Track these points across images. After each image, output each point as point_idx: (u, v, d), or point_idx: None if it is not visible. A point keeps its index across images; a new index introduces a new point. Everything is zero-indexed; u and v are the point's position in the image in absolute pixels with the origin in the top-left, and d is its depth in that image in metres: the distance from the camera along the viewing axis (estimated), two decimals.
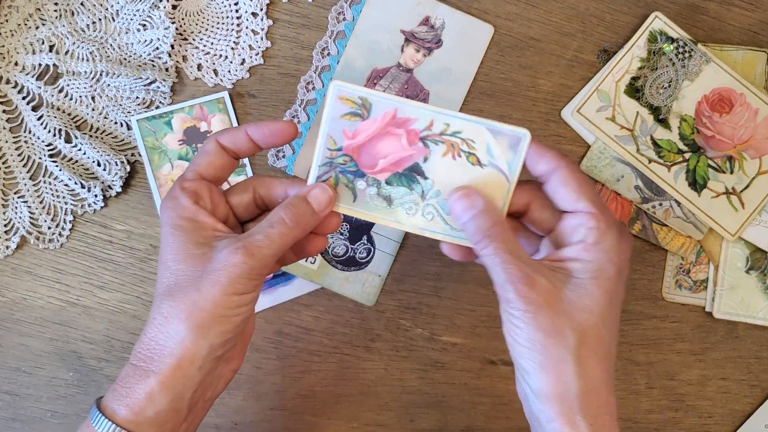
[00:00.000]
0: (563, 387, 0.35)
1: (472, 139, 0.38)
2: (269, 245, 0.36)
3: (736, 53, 0.56)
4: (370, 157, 0.39)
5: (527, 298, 0.35)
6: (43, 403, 0.54)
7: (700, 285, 0.57)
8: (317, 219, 0.38)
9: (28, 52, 0.54)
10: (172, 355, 0.36)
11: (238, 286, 0.36)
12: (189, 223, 0.38)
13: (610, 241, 0.37)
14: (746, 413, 0.58)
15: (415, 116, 0.38)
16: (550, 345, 0.35)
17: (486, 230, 0.37)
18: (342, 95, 0.38)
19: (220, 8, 0.55)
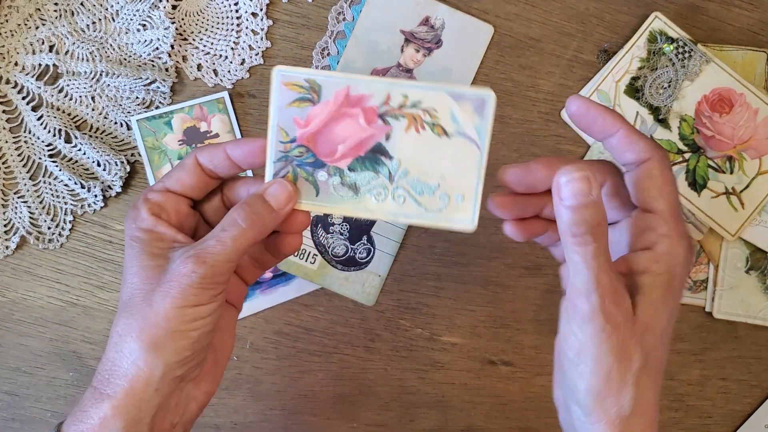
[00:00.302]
0: (617, 410, 0.33)
1: (434, 108, 0.35)
2: (221, 251, 0.33)
3: (736, 53, 0.56)
4: (327, 144, 0.36)
5: (610, 316, 0.32)
6: (43, 404, 0.54)
7: (700, 285, 0.57)
8: (277, 217, 0.35)
9: (28, 52, 0.54)
10: (125, 376, 0.33)
11: (190, 297, 0.33)
12: (146, 235, 0.35)
13: (682, 254, 0.34)
14: (746, 413, 0.58)
15: (370, 91, 0.35)
16: (615, 370, 0.32)
17: (593, 226, 0.32)
18: (286, 81, 0.35)
19: (219, 8, 0.55)
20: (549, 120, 0.56)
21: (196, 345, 0.34)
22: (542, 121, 0.56)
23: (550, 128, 0.56)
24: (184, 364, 0.34)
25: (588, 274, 0.32)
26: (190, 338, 0.34)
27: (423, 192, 0.36)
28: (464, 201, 0.36)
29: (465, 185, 0.36)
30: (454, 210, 0.36)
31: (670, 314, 0.34)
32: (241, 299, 0.40)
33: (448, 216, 0.36)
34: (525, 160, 0.38)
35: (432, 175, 0.36)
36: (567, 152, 0.56)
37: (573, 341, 0.33)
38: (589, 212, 0.32)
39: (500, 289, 0.56)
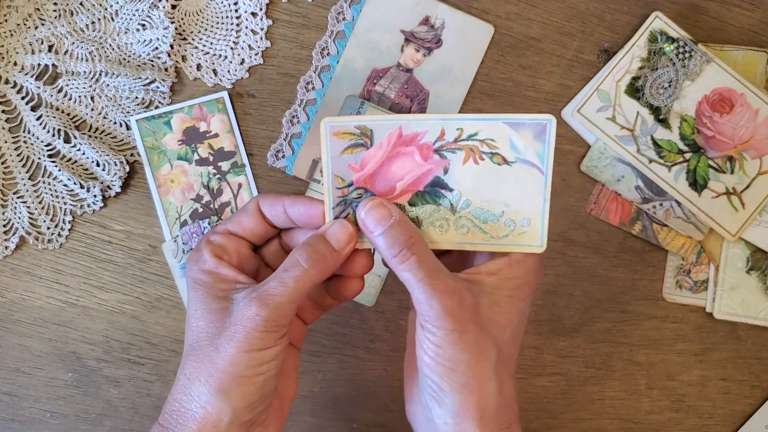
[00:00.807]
0: (484, 405, 0.34)
1: (491, 139, 0.35)
2: (284, 292, 0.33)
3: (737, 53, 0.56)
4: (385, 183, 0.36)
5: (455, 316, 0.33)
6: (42, 404, 0.54)
7: (701, 285, 0.57)
8: (338, 258, 0.36)
9: (27, 52, 0.54)
10: (194, 418, 0.33)
11: (254, 341, 0.33)
12: (209, 277, 0.35)
13: (534, 264, 0.36)
14: (747, 414, 0.58)
15: (424, 129, 0.35)
16: (474, 364, 0.33)
17: (404, 241, 0.34)
18: (336, 131, 0.35)
19: (219, 8, 0.55)
20: None
21: (263, 390, 0.34)
22: None
23: None
24: (252, 410, 0.34)
25: (421, 284, 0.33)
26: (256, 383, 0.34)
27: (487, 220, 0.36)
28: (531, 225, 0.36)
29: (530, 209, 0.36)
30: (520, 234, 0.36)
31: (520, 318, 0.36)
32: (301, 339, 0.41)
33: (515, 241, 0.36)
34: None
35: (495, 203, 0.36)
36: (567, 152, 0.56)
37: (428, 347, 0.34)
38: (396, 231, 0.34)
39: None
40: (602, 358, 0.57)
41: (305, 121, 0.55)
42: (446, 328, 0.33)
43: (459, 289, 0.34)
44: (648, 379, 0.57)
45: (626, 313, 0.57)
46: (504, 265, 0.35)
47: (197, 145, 0.54)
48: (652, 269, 0.57)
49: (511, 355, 0.36)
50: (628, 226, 0.56)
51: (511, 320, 0.35)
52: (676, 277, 0.57)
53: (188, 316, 0.35)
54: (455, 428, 0.34)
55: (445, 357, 0.33)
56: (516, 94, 0.56)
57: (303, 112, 0.55)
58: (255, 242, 0.38)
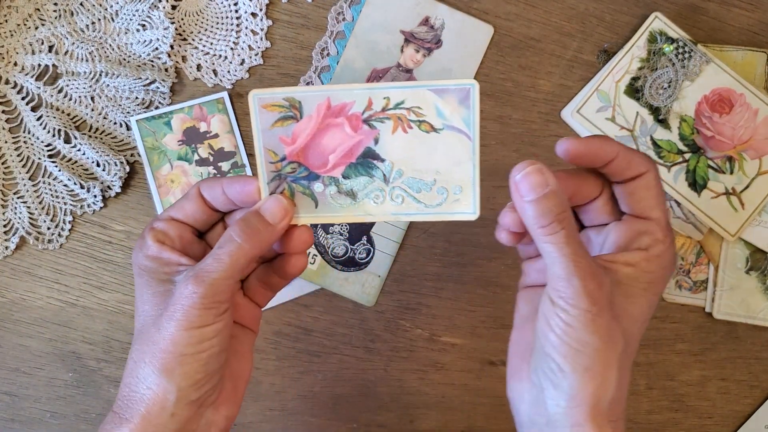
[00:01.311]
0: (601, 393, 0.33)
1: (418, 106, 0.35)
2: (219, 268, 0.34)
3: (736, 54, 0.56)
4: (318, 156, 0.36)
5: (593, 298, 0.32)
6: (42, 404, 0.54)
7: (700, 285, 0.57)
8: (273, 231, 0.35)
9: (27, 53, 0.54)
10: (142, 401, 0.34)
11: (193, 319, 0.33)
12: (153, 262, 0.36)
13: (669, 259, 0.35)
14: (746, 414, 0.58)
15: (351, 99, 0.35)
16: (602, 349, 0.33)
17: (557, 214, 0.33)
18: (265, 103, 0.35)
19: (219, 8, 0.55)
20: (549, 120, 0.56)
21: (207, 367, 0.34)
22: (542, 121, 0.56)
23: (550, 128, 0.56)
24: (198, 388, 0.34)
25: (565, 259, 0.32)
26: (199, 360, 0.34)
27: (420, 189, 0.36)
28: (463, 192, 0.36)
29: (461, 177, 0.36)
30: (453, 202, 0.36)
31: (650, 311, 0.35)
32: (256, 322, 0.41)
33: (449, 209, 0.36)
34: None
35: (427, 171, 0.36)
36: None
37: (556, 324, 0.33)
38: (551, 202, 0.33)
39: (500, 289, 0.56)
40: None
41: None
42: (582, 307, 0.32)
43: (600, 273, 0.33)
44: (647, 379, 0.57)
45: None
46: (642, 258, 0.35)
47: (197, 146, 0.55)
48: None
49: (635, 349, 0.35)
50: None
51: (643, 313, 0.35)
52: (676, 277, 0.57)
53: (136, 303, 0.36)
54: (567, 412, 0.34)
55: (574, 337, 0.33)
56: (516, 94, 0.56)
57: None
58: (198, 227, 0.38)
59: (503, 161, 0.56)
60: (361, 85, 0.35)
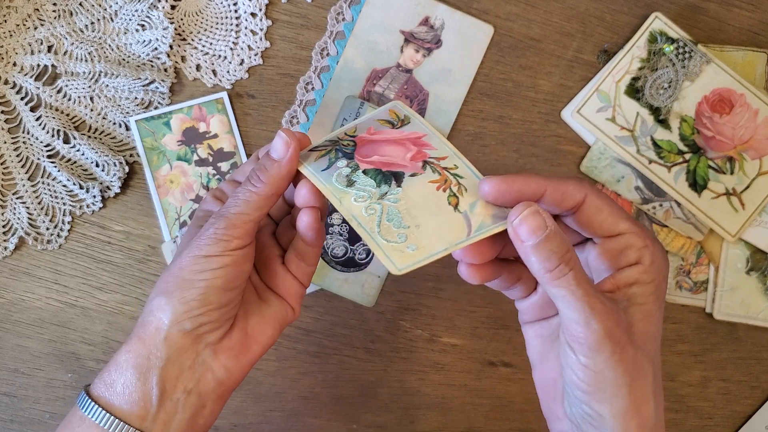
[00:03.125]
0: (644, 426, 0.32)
1: (466, 188, 0.37)
2: (235, 204, 0.36)
3: (737, 54, 0.56)
4: (371, 150, 0.38)
5: (615, 338, 0.31)
6: (42, 405, 0.54)
7: (701, 286, 0.57)
8: (280, 166, 0.36)
9: (26, 53, 0.54)
10: (141, 324, 0.35)
11: (203, 247, 0.35)
12: (205, 213, 0.39)
13: (661, 257, 0.34)
14: (747, 414, 0.58)
15: (436, 146, 0.38)
16: (635, 387, 0.32)
17: (562, 255, 0.31)
18: (394, 109, 0.40)
19: (219, 8, 0.55)
20: (549, 120, 0.56)
21: (203, 297, 0.35)
22: (542, 121, 0.56)
23: (550, 128, 0.56)
24: (193, 317, 0.35)
25: (579, 303, 0.31)
26: (197, 287, 0.35)
27: (391, 221, 0.36)
28: (413, 253, 0.35)
29: (427, 245, 0.35)
30: (397, 251, 0.35)
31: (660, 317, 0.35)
32: (297, 300, 0.41)
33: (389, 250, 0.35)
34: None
35: (413, 219, 0.36)
36: (567, 152, 0.56)
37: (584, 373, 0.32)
38: (554, 243, 0.31)
39: None
40: None
41: (305, 121, 0.55)
42: (606, 352, 0.31)
43: (616, 309, 0.32)
44: None
45: None
46: (640, 272, 0.34)
47: (197, 146, 0.54)
48: None
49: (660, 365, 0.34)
50: None
51: (658, 324, 0.34)
52: (676, 278, 0.57)
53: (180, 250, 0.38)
54: None
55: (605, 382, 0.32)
56: (516, 94, 0.56)
57: (302, 112, 0.55)
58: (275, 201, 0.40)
59: (503, 161, 0.56)
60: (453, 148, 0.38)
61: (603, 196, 0.35)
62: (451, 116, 0.55)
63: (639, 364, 0.32)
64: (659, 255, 0.35)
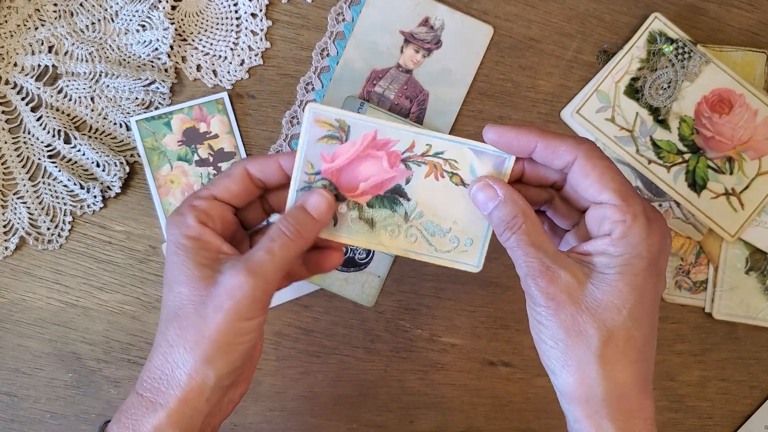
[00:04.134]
0: (587, 389, 0.34)
1: (455, 160, 0.37)
2: (271, 261, 0.34)
3: (736, 54, 0.56)
4: (350, 180, 0.38)
5: (547, 294, 0.34)
6: (42, 404, 0.54)
7: (700, 286, 0.57)
8: (319, 227, 0.37)
9: (27, 53, 0.54)
10: (179, 386, 0.34)
11: (243, 310, 0.34)
12: (193, 243, 0.36)
13: (638, 234, 0.34)
14: (746, 414, 0.58)
15: (396, 137, 0.37)
16: (572, 344, 0.34)
17: (508, 221, 0.35)
18: (318, 118, 0.37)
19: (219, 9, 0.55)
20: (549, 120, 0.56)
21: (245, 356, 0.35)
22: (542, 121, 0.56)
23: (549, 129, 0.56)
24: (233, 374, 0.35)
25: (519, 261, 0.35)
26: (240, 351, 0.35)
27: (435, 234, 0.38)
28: (473, 246, 0.39)
29: (475, 231, 0.39)
30: (461, 253, 0.39)
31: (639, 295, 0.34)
32: None
33: (456, 257, 0.39)
34: None
35: (445, 219, 0.38)
36: None
37: (534, 325, 0.35)
38: (501, 211, 0.36)
39: (500, 289, 0.56)
40: None
41: None
42: (541, 305, 0.34)
43: (554, 268, 0.34)
44: None
45: None
46: (607, 244, 0.35)
47: (197, 146, 0.55)
48: None
49: (631, 338, 0.34)
50: None
51: (626, 300, 0.34)
52: (676, 278, 0.57)
53: (169, 281, 0.35)
54: (566, 406, 0.35)
55: (546, 334, 0.34)
56: (515, 94, 0.56)
57: (303, 113, 0.55)
58: (238, 205, 0.39)
59: None
60: (409, 128, 0.37)
61: (595, 162, 0.35)
62: (451, 117, 0.55)
63: (579, 325, 0.34)
64: (635, 233, 0.34)
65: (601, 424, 0.34)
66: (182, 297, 0.35)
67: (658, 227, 0.35)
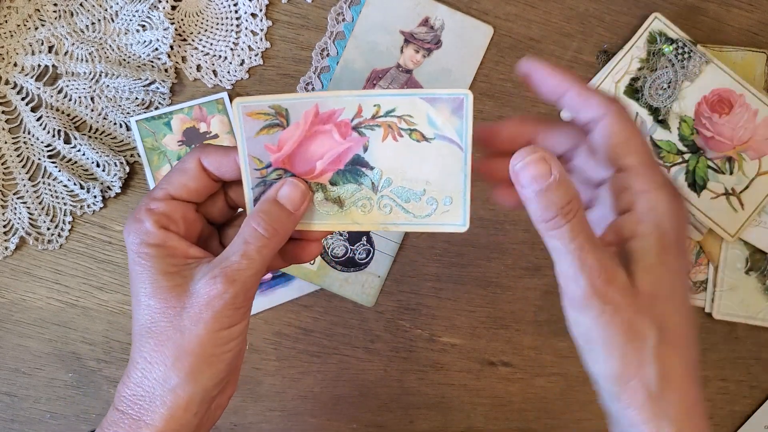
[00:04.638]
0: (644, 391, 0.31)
1: (409, 115, 0.33)
2: (249, 265, 0.32)
3: (736, 54, 0.56)
4: (305, 162, 0.35)
5: (605, 296, 0.30)
6: (42, 404, 0.54)
7: (700, 286, 0.57)
8: (295, 220, 0.34)
9: (27, 53, 0.54)
10: (164, 404, 0.32)
11: (224, 320, 0.32)
12: (156, 251, 0.33)
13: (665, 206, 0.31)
14: (746, 414, 0.58)
15: (340, 106, 0.34)
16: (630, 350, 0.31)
17: (562, 207, 0.30)
18: (250, 111, 0.34)
19: (219, 9, 0.55)
20: None
21: (230, 365, 0.33)
22: None
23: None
24: (219, 385, 0.34)
25: (569, 257, 0.30)
26: (225, 361, 0.33)
27: (409, 199, 0.35)
28: (453, 203, 0.35)
29: (452, 187, 0.34)
30: (443, 214, 0.35)
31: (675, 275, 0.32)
32: None
33: (438, 220, 0.35)
34: None
35: (416, 181, 0.35)
36: None
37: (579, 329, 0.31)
38: (554, 194, 0.30)
39: (500, 290, 0.56)
40: None
41: None
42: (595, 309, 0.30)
43: (611, 266, 0.30)
44: None
45: None
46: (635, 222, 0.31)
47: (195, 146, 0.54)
48: None
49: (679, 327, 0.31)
50: None
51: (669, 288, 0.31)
52: None
53: (136, 293, 0.33)
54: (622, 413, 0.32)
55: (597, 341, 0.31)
56: (515, 95, 0.56)
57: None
58: (198, 201, 0.36)
59: None
60: (350, 92, 0.34)
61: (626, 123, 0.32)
62: None
63: (636, 327, 0.30)
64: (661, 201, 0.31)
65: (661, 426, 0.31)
66: (153, 310, 0.32)
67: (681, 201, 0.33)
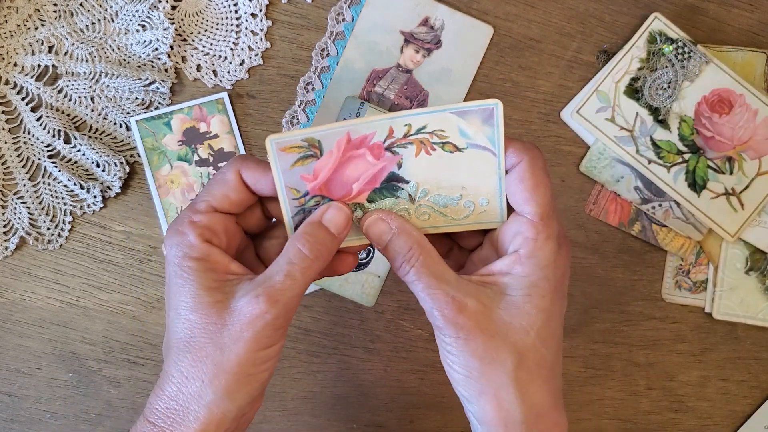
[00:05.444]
0: (506, 414, 0.33)
1: (440, 129, 0.35)
2: (292, 285, 0.32)
3: (736, 54, 0.56)
4: (341, 187, 0.36)
5: (456, 324, 0.33)
6: (42, 404, 0.54)
7: (700, 286, 0.57)
8: (338, 242, 0.35)
9: (27, 53, 0.54)
10: (197, 420, 0.32)
11: (264, 340, 0.32)
12: (199, 264, 0.33)
13: (547, 256, 0.34)
14: (746, 414, 0.58)
15: (372, 130, 0.35)
16: (487, 371, 0.33)
17: (404, 254, 0.34)
18: (283, 146, 0.34)
19: (219, 9, 0.55)
20: (548, 121, 0.56)
21: (264, 384, 0.34)
22: (542, 121, 0.56)
23: (549, 129, 0.56)
24: (253, 403, 0.34)
25: (422, 295, 0.34)
26: (261, 380, 0.33)
27: (447, 204, 0.37)
28: (490, 204, 0.37)
29: (487, 190, 0.36)
30: (480, 213, 0.37)
31: (546, 316, 0.34)
32: None
33: (476, 219, 0.37)
34: None
35: (452, 188, 0.36)
36: (566, 153, 0.56)
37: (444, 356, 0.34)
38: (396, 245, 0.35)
39: None
40: (601, 359, 0.57)
41: (305, 122, 0.55)
42: (451, 335, 0.33)
43: (460, 298, 0.33)
44: (647, 379, 0.57)
45: (625, 314, 0.57)
46: (513, 262, 0.34)
47: (197, 146, 0.55)
48: (652, 270, 0.57)
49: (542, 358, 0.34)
50: (627, 226, 0.56)
51: (534, 321, 0.34)
52: (676, 278, 0.57)
53: (175, 306, 0.33)
54: None
55: (458, 364, 0.34)
56: (515, 94, 0.56)
57: (303, 113, 0.55)
58: (238, 213, 0.37)
59: None
60: (380, 116, 0.35)
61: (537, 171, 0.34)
62: None
63: (491, 351, 0.33)
64: (545, 251, 0.34)
65: None
66: (193, 325, 0.33)
67: (566, 253, 0.36)
